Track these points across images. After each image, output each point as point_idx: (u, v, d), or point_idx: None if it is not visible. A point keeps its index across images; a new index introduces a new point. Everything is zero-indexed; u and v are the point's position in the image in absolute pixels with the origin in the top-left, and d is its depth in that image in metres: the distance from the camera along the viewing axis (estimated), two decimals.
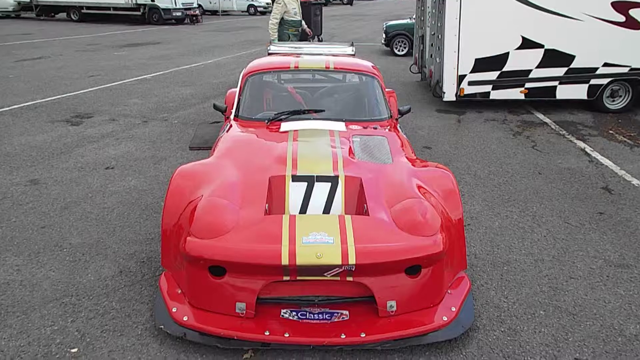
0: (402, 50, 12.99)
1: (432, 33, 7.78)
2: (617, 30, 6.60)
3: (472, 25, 6.69)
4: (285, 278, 2.39)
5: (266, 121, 3.68)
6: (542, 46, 6.76)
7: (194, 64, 11.67)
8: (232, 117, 3.95)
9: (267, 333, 2.33)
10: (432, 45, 7.87)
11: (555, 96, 7.01)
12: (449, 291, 2.62)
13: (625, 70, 6.79)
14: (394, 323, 2.41)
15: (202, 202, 2.61)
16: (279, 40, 7.40)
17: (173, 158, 5.12)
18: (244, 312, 2.40)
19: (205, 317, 2.42)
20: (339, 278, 2.39)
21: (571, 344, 2.45)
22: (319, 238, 2.39)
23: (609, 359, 2.35)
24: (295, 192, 2.84)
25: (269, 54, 5.50)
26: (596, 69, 6.82)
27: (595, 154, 5.34)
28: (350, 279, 2.40)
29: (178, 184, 2.84)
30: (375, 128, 3.65)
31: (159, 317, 2.49)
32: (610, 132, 6.20)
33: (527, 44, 6.75)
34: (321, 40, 11.20)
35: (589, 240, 3.48)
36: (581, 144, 5.70)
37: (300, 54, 5.44)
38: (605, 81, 6.89)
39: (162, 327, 2.43)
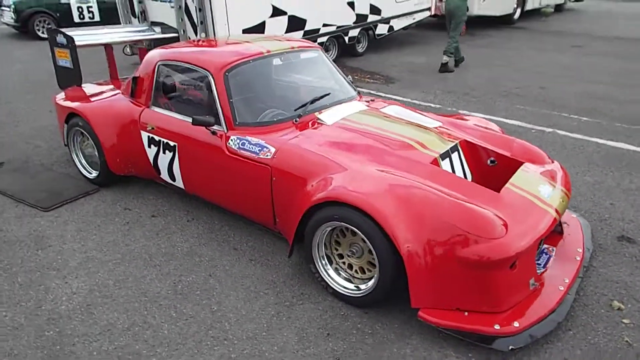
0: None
1: (197, 7, 7.10)
2: None
3: None
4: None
5: (295, 120, 3.05)
6: (286, 13, 7.51)
7: None
8: (224, 128, 2.99)
9: (564, 284, 2.45)
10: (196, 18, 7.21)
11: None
12: None
13: (334, 28, 8.44)
14: (567, 237, 2.95)
15: (466, 209, 2.27)
16: None
17: (43, 230, 3.19)
18: (537, 284, 2.40)
19: (520, 310, 2.28)
20: None
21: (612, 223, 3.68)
22: (546, 189, 2.60)
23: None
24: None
25: (81, 46, 4.12)
26: (319, 29, 8.19)
27: (391, 96, 6.70)
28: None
29: (390, 221, 2.26)
30: (372, 100, 3.65)
31: (498, 344, 2.16)
32: (364, 78, 7.79)
33: (276, 12, 7.33)
34: None
35: None
36: (369, 90, 7.00)
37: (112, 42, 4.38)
38: (324, 39, 8.37)
39: (512, 347, 2.14)
